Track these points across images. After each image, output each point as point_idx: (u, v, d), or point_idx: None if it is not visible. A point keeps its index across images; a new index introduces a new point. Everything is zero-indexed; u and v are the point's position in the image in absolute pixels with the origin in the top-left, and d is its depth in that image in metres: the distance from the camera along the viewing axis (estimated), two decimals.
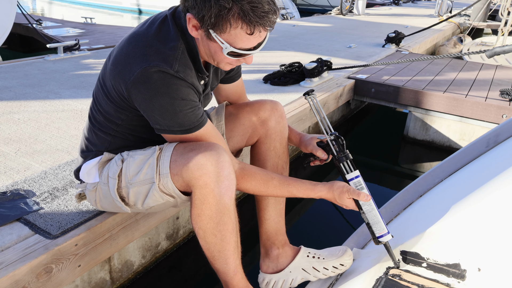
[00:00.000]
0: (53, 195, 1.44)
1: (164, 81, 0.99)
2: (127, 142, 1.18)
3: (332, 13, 9.03)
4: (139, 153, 1.11)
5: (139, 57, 1.00)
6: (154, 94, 0.99)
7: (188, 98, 1.02)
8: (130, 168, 1.09)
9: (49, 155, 1.76)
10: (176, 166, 1.03)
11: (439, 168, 1.57)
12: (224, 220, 1.05)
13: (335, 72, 3.41)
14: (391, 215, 1.53)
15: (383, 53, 4.44)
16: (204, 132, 1.08)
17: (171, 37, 1.03)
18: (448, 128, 3.02)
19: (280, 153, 1.36)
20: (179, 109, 1.01)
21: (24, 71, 3.14)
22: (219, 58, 1.03)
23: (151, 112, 1.03)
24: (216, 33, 0.96)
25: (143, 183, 1.08)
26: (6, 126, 2.05)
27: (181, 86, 1.01)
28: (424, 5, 13.11)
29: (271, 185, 1.15)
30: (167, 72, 0.99)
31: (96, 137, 1.19)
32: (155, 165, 1.06)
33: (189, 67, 1.05)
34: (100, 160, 1.16)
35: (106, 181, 1.13)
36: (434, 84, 3.19)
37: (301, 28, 6.44)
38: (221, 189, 1.01)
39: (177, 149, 1.06)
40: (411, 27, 6.82)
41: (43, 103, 2.42)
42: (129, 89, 1.02)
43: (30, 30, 5.52)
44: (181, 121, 1.03)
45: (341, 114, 3.51)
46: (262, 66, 3.63)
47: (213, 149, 1.02)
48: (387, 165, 2.89)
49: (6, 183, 1.51)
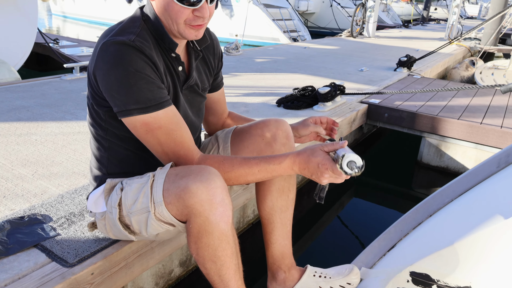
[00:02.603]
0: (70, 220, 1.44)
1: (119, 52, 0.99)
2: (123, 159, 1.17)
3: (343, 35, 9.12)
4: (136, 181, 1.09)
5: (102, 38, 1.04)
6: (110, 67, 0.99)
7: (143, 71, 1.00)
8: (128, 197, 1.08)
9: (66, 178, 1.77)
10: (169, 195, 1.00)
11: (449, 188, 1.55)
12: (223, 246, 1.02)
13: (348, 96, 3.42)
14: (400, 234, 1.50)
15: (395, 77, 4.45)
16: (163, 116, 1.03)
17: (133, 19, 1.08)
18: (463, 155, 2.99)
19: (285, 176, 1.34)
20: (133, 81, 0.99)
21: (42, 91, 3.19)
22: (174, 15, 1.02)
23: (110, 91, 1.01)
24: None
25: (140, 212, 1.06)
26: (24, 147, 2.08)
27: (136, 57, 0.99)
28: (434, 28, 13.19)
29: (235, 163, 1.07)
30: (122, 43, 0.99)
31: (96, 150, 1.20)
32: (149, 194, 1.04)
33: (148, 40, 1.05)
34: (104, 188, 1.16)
35: (111, 210, 1.12)
36: (448, 109, 3.17)
37: (312, 50, 6.50)
38: (216, 216, 0.98)
39: (169, 176, 1.03)
40: (422, 51, 6.85)
41: (59, 124, 2.44)
42: (93, 70, 1.03)
43: (47, 49, 5.65)
44: (136, 96, 0.99)
45: (354, 138, 3.50)
46: (274, 89, 3.65)
47: (203, 174, 0.98)
48: (400, 189, 2.86)
49: (23, 207, 1.51)
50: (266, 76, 4.26)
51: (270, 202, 1.35)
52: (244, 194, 1.95)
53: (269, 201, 1.35)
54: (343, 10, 13.45)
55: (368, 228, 2.33)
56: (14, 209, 1.50)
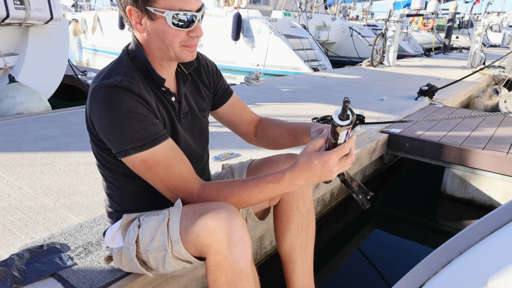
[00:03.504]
0: (87, 250, 1.45)
1: (108, 95, 0.99)
2: (135, 196, 1.18)
3: (363, 64, 9.17)
4: (153, 219, 1.09)
5: (92, 83, 1.05)
6: (102, 111, 1.00)
7: (134, 110, 1.00)
8: (145, 235, 1.07)
9: (86, 207, 1.80)
10: (186, 233, 1.00)
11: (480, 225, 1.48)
12: (242, 285, 0.99)
13: (368, 126, 3.39)
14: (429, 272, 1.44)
15: (416, 106, 4.40)
16: (160, 151, 1.02)
17: (119, 60, 1.09)
18: (489, 186, 2.88)
19: (304, 212, 1.32)
20: (125, 122, 0.99)
21: (68, 121, 3.31)
22: (170, 40, 1.03)
23: (105, 134, 1.02)
24: (153, 6, 0.99)
25: (158, 249, 1.05)
26: (48, 176, 2.14)
27: (125, 97, 1.00)
28: (456, 56, 13.09)
29: (234, 188, 1.04)
30: (110, 85, 1.00)
31: (108, 190, 1.21)
32: (166, 232, 1.03)
33: (136, 78, 1.05)
34: (121, 224, 1.17)
35: (128, 246, 1.13)
36: (472, 139, 3.09)
37: (332, 79, 6.54)
38: (235, 255, 0.97)
39: (187, 213, 1.02)
40: (444, 79, 6.78)
41: (82, 154, 2.52)
42: (89, 115, 1.05)
43: (75, 81, 5.90)
44: (130, 135, 0.99)
45: (374, 168, 3.44)
46: (293, 119, 3.66)
47: (221, 212, 0.97)
48: (424, 221, 2.76)
49: (43, 235, 1.54)
50: (286, 105, 4.29)
51: (289, 240, 1.33)
52: (261, 225, 1.93)
53: (288, 239, 1.33)
54: (363, 39, 13.58)
55: (391, 263, 2.25)
56: (34, 238, 1.53)
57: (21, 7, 4.27)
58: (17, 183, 2.04)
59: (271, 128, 1.38)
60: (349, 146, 0.96)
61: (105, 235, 1.24)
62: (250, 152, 2.66)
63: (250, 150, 2.71)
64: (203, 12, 1.05)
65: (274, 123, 1.39)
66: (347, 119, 0.89)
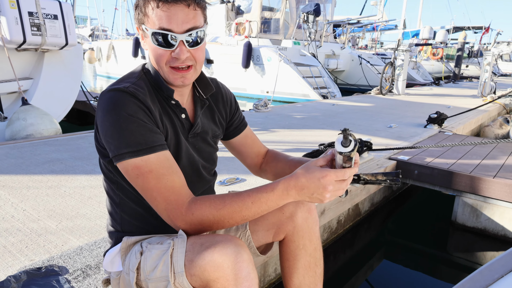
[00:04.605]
0: (85, 273, 1.43)
1: (112, 98, 1.01)
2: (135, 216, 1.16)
3: (372, 92, 9.20)
4: (156, 247, 1.06)
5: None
6: (105, 113, 1.01)
7: (135, 115, 1.00)
8: (147, 263, 1.04)
9: (87, 230, 1.79)
10: (192, 266, 0.96)
11: (498, 262, 1.42)
12: None
13: (375, 152, 3.36)
14: None
15: (425, 134, 4.36)
16: (155, 160, 1.01)
17: (132, 72, 1.13)
18: (502, 216, 2.80)
19: (311, 250, 1.28)
20: (124, 125, 0.99)
21: (77, 144, 3.35)
22: (157, 58, 1.06)
23: (105, 137, 1.02)
24: (145, 24, 1.04)
25: (159, 280, 1.02)
26: (53, 199, 2.14)
27: (128, 101, 1.01)
28: (466, 85, 13.08)
29: (227, 199, 1.01)
30: (117, 89, 1.02)
31: (110, 207, 1.20)
32: (169, 263, 0.99)
33: (143, 88, 1.07)
34: (120, 247, 1.14)
35: (128, 271, 1.10)
36: (482, 167, 3.03)
37: (340, 107, 6.55)
38: None
39: (194, 245, 0.99)
40: (454, 108, 6.75)
41: (88, 177, 2.52)
42: (95, 119, 1.06)
43: (87, 106, 6.02)
44: (128, 140, 0.99)
45: (383, 196, 3.38)
46: (301, 145, 3.65)
47: (229, 247, 0.95)
48: (434, 252, 2.67)
49: (43, 258, 1.53)
50: (293, 132, 4.29)
51: (297, 280, 1.29)
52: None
53: (295, 279, 1.29)
54: (372, 68, 13.68)
55: None
56: (34, 260, 1.51)
57: (37, 33, 4.42)
58: (21, 205, 2.04)
59: (274, 162, 1.39)
60: (350, 173, 0.95)
61: (104, 257, 1.22)
62: (256, 178, 2.64)
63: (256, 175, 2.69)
64: (198, 36, 1.06)
65: (277, 157, 1.39)
66: (348, 146, 0.90)
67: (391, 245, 2.71)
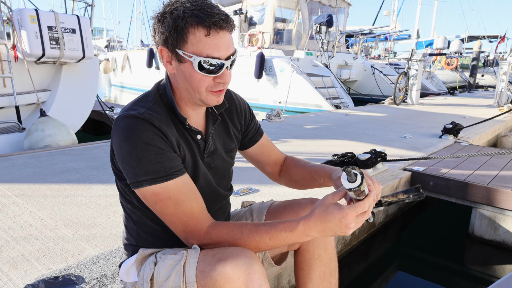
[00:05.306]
0: (101, 282, 1.44)
1: (128, 125, 1.01)
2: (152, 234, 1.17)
3: (386, 102, 9.14)
4: (170, 257, 1.07)
5: (118, 114, 1.08)
6: (121, 140, 1.01)
7: (152, 143, 1.01)
8: (161, 273, 1.05)
9: (103, 239, 1.81)
10: (204, 277, 0.97)
11: None
12: None
13: (390, 163, 3.33)
14: None
15: (440, 144, 4.31)
16: (173, 186, 1.02)
17: (148, 94, 1.12)
18: None
19: (326, 260, 1.28)
20: (142, 153, 0.99)
21: (93, 154, 3.40)
22: (196, 84, 1.03)
23: (122, 164, 1.02)
24: (182, 49, 1.00)
25: None
26: (69, 208, 2.18)
27: (144, 129, 1.01)
28: (482, 95, 12.90)
29: (245, 230, 1.01)
30: (132, 116, 1.02)
31: (127, 222, 1.21)
32: (181, 273, 1.00)
33: (159, 113, 1.06)
34: (136, 258, 1.16)
35: (142, 282, 1.11)
36: (500, 179, 2.98)
37: (354, 117, 6.53)
38: None
39: (206, 256, 1.00)
40: (469, 118, 6.66)
41: (104, 186, 2.56)
42: (111, 144, 1.07)
43: (102, 116, 6.12)
44: (146, 168, 1.00)
45: (397, 207, 3.34)
46: (314, 155, 3.64)
47: (241, 259, 0.95)
48: (451, 265, 2.62)
49: (59, 267, 1.55)
50: (306, 142, 4.29)
51: None
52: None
53: None
54: (385, 78, 13.62)
55: None
56: (51, 269, 1.53)
57: (56, 47, 4.54)
58: (39, 214, 2.08)
59: (294, 169, 1.38)
60: (368, 203, 0.96)
61: (120, 267, 1.23)
62: (269, 188, 2.64)
63: (269, 185, 2.70)
64: (234, 58, 1.06)
65: (297, 164, 1.39)
66: (355, 181, 0.91)
67: (406, 257, 2.67)
